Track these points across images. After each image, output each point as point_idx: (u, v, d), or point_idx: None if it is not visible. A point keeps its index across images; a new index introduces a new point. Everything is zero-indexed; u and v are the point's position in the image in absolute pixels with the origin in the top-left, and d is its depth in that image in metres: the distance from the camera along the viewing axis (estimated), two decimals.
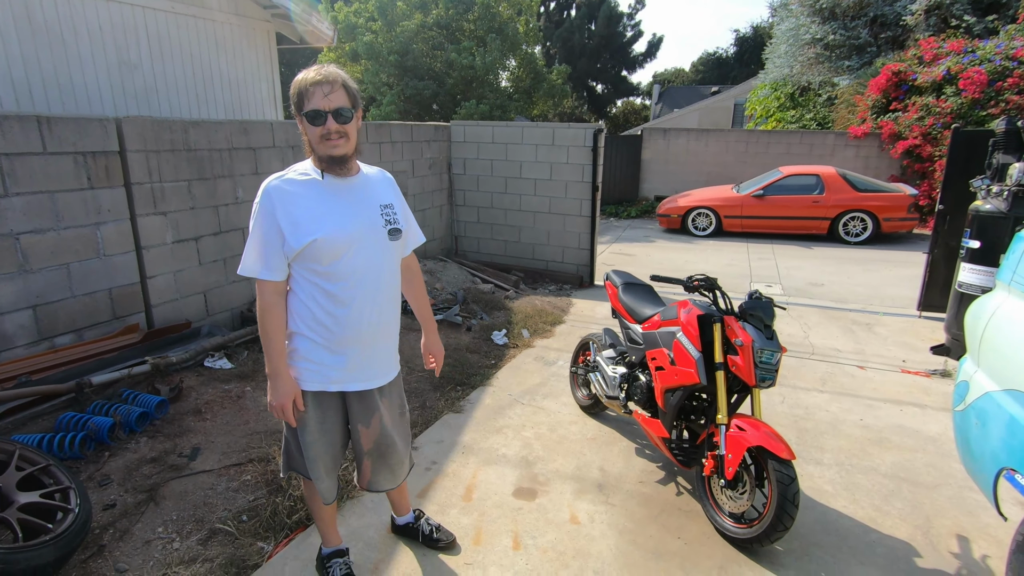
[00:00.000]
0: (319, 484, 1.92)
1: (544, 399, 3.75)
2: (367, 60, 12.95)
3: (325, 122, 1.64)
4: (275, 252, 1.69)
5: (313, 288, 1.74)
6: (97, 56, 5.51)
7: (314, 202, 1.70)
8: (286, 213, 1.67)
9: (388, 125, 6.04)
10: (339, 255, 1.71)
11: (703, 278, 2.57)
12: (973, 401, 2.02)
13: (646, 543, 2.42)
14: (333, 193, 1.74)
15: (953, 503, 2.70)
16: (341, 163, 1.72)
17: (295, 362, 1.81)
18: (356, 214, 1.75)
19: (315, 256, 1.69)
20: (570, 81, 23.17)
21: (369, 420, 1.91)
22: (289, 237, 1.67)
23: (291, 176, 1.72)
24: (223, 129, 4.20)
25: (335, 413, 1.90)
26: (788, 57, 14.87)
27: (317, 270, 1.72)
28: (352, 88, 1.70)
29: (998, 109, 9.24)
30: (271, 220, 1.68)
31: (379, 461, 1.99)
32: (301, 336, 1.79)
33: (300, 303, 1.77)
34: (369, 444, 1.94)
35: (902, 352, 4.60)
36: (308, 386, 1.81)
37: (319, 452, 1.88)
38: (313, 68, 1.68)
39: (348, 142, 1.70)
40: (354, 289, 1.76)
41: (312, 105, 1.63)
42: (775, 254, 8.46)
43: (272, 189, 1.69)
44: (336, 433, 1.92)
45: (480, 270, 6.66)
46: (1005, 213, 3.94)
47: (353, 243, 1.73)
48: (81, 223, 3.42)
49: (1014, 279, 1.99)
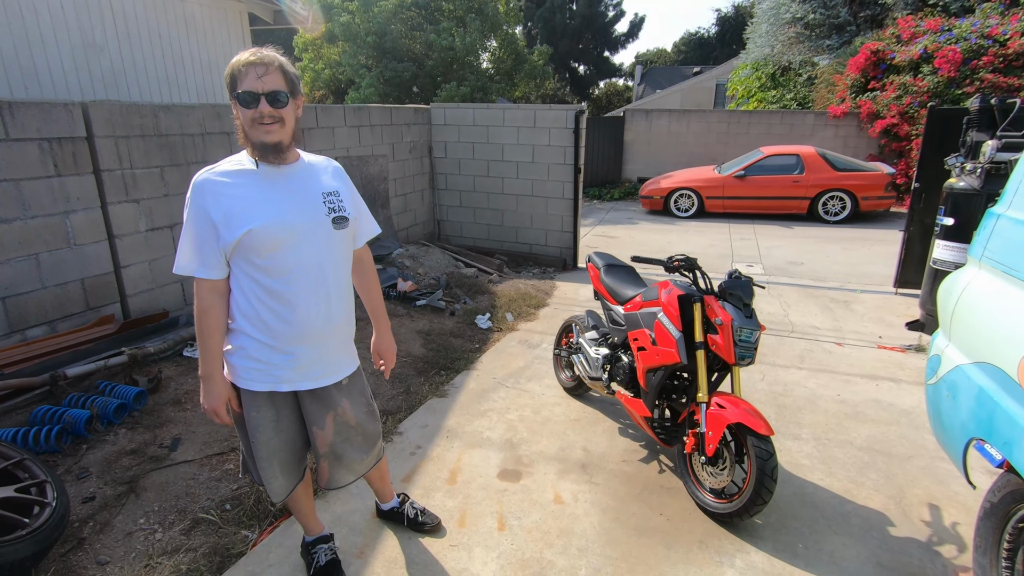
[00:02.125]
0: (271, 484, 1.83)
1: (528, 382, 3.77)
2: (344, 42, 12.68)
3: (258, 105, 1.55)
4: (210, 248, 1.60)
5: (254, 285, 1.65)
6: (60, 37, 5.31)
7: (248, 191, 1.60)
8: (218, 206, 1.57)
9: (367, 108, 5.94)
10: (278, 247, 1.61)
11: (683, 258, 2.59)
12: (944, 374, 2.07)
13: (629, 520, 2.46)
14: (269, 182, 1.64)
15: (925, 473, 2.79)
16: (276, 151, 1.62)
17: (242, 361, 1.72)
18: (294, 203, 1.65)
19: (252, 248, 1.60)
20: (552, 62, 22.95)
21: (324, 421, 1.83)
22: (222, 230, 1.57)
23: (224, 167, 1.63)
24: (195, 113, 4.09)
25: (290, 411, 1.82)
26: (769, 37, 14.89)
27: (256, 263, 1.62)
28: (290, 72, 1.61)
29: (973, 88, 9.37)
30: (203, 215, 1.58)
31: (335, 462, 1.90)
32: (246, 336, 1.70)
33: (244, 300, 1.67)
34: (324, 447, 1.86)
35: (878, 328, 4.69)
36: (258, 387, 1.73)
37: (274, 450, 1.80)
38: (249, 50, 1.58)
39: (283, 128, 1.60)
40: (297, 284, 1.66)
41: (245, 86, 1.54)
42: (756, 234, 8.54)
43: (202, 182, 1.59)
44: (293, 430, 1.85)
45: (463, 254, 6.63)
46: (978, 190, 4.01)
47: (292, 234, 1.63)
48: (49, 212, 3.32)
49: (985, 254, 2.03)
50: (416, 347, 4.20)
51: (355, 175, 5.59)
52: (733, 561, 2.23)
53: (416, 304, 5.00)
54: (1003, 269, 1.89)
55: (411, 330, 4.47)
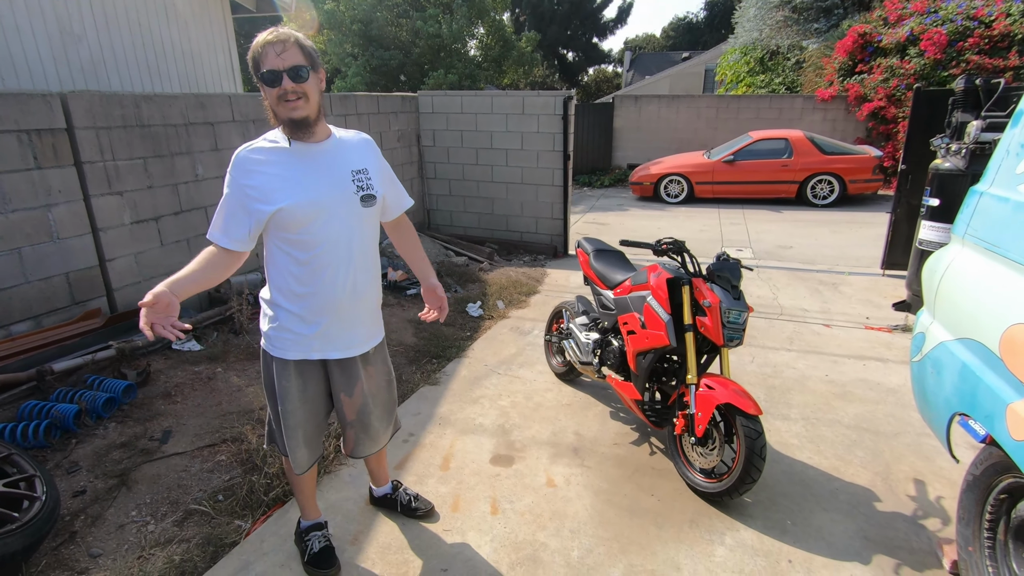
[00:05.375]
0: (295, 452, 1.92)
1: (520, 368, 3.78)
2: (329, 30, 12.51)
3: (281, 82, 1.57)
4: (238, 223, 1.66)
5: (286, 258, 1.73)
6: (36, 26, 5.19)
7: (280, 169, 1.66)
8: (252, 183, 1.64)
9: (353, 96, 5.87)
10: (307, 223, 1.68)
11: (671, 241, 2.59)
12: (929, 351, 2.10)
13: (621, 502, 2.48)
14: (300, 160, 1.69)
15: (911, 449, 2.83)
16: (304, 127, 1.66)
17: (276, 332, 1.81)
18: (324, 181, 1.70)
19: (283, 225, 1.67)
20: (540, 49, 22.77)
21: (352, 389, 1.92)
22: (255, 207, 1.65)
23: (260, 144, 1.69)
24: (178, 103, 4.02)
25: (316, 383, 1.90)
26: (757, 21, 14.83)
27: (288, 239, 1.70)
28: (308, 46, 1.63)
29: (959, 69, 9.40)
30: (239, 189, 1.65)
31: (361, 431, 2.01)
32: (279, 307, 1.78)
33: (276, 273, 1.76)
34: (352, 415, 1.96)
35: (866, 310, 4.74)
36: (290, 355, 1.81)
37: (300, 420, 1.88)
38: (268, 30, 1.61)
39: (308, 103, 1.63)
40: (326, 257, 1.73)
41: (267, 66, 1.57)
42: (746, 219, 8.58)
43: (241, 159, 1.66)
44: (318, 402, 1.93)
45: (453, 243, 6.61)
46: (963, 171, 4.04)
47: (322, 211, 1.69)
48: (30, 205, 3.27)
49: (968, 232, 2.05)
50: (407, 336, 4.20)
51: None
52: (723, 539, 2.26)
53: (407, 293, 4.99)
54: (985, 246, 1.91)
55: (402, 319, 4.46)
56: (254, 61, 1.60)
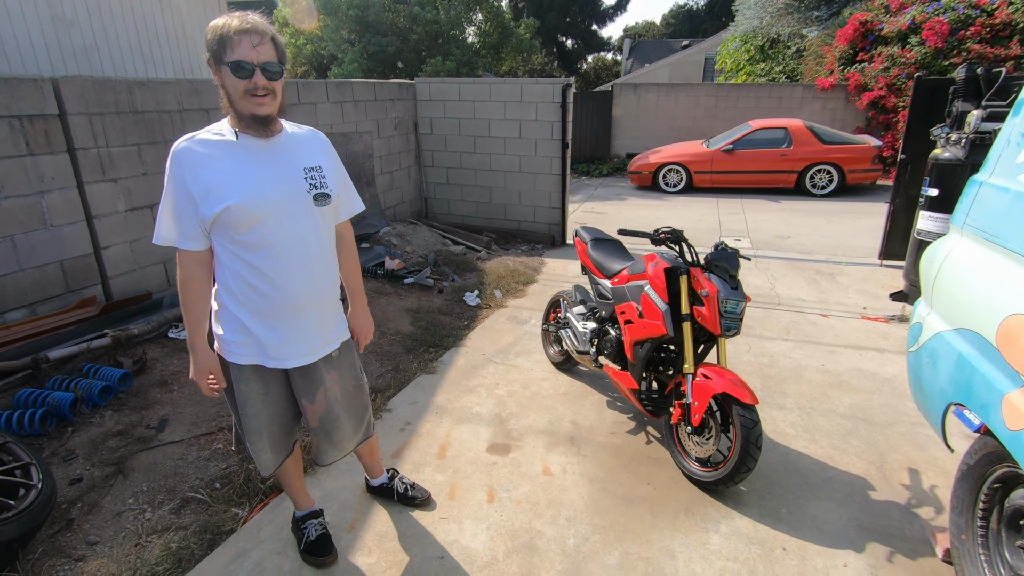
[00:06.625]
0: (259, 456, 1.85)
1: (517, 357, 3.78)
2: (325, 16, 12.36)
3: (252, 76, 1.49)
4: (189, 220, 1.56)
5: (235, 260, 1.61)
6: (27, 11, 5.11)
7: (227, 164, 1.55)
8: (196, 178, 1.52)
9: (350, 83, 5.81)
10: (257, 223, 1.57)
11: (669, 231, 2.58)
12: (925, 341, 2.10)
13: (617, 490, 2.49)
14: (249, 155, 1.58)
15: (906, 439, 2.85)
16: (264, 123, 1.58)
17: (228, 334, 1.70)
18: (274, 178, 1.60)
19: (231, 224, 1.56)
20: (539, 36, 22.57)
21: (313, 395, 1.82)
22: (200, 204, 1.53)
23: (203, 136, 1.57)
24: (172, 89, 3.98)
25: (279, 384, 1.81)
26: (758, 8, 14.69)
27: (236, 239, 1.58)
28: (281, 43, 1.57)
29: (960, 58, 9.34)
30: (181, 186, 1.53)
31: (324, 438, 1.91)
32: (230, 311, 1.68)
33: (225, 275, 1.65)
34: (315, 421, 1.86)
35: (863, 300, 4.74)
36: (243, 360, 1.72)
37: (263, 423, 1.81)
38: (235, 14, 1.50)
39: (275, 101, 1.56)
40: (280, 259, 1.63)
41: (238, 55, 1.47)
42: (744, 208, 8.56)
43: (181, 152, 1.54)
44: (282, 404, 1.83)
45: (451, 232, 6.58)
46: (962, 160, 4.02)
47: (273, 210, 1.58)
48: (23, 192, 3.24)
49: (967, 222, 2.04)
50: (405, 325, 4.19)
51: (340, 153, 5.46)
52: (718, 527, 2.28)
53: (404, 282, 4.98)
54: (984, 236, 1.90)
55: (399, 308, 4.45)
56: (220, 43, 1.47)
